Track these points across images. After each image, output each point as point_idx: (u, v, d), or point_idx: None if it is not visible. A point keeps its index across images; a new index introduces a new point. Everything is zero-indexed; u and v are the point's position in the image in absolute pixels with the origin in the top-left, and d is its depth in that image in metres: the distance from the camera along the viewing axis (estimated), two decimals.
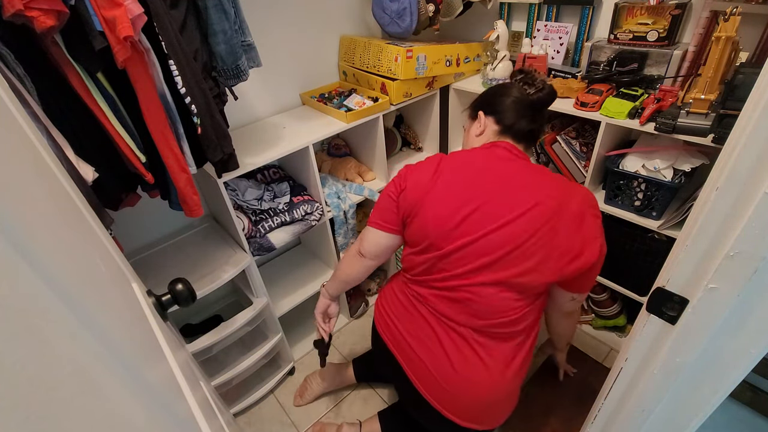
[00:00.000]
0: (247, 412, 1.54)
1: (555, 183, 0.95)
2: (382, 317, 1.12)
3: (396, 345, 1.07)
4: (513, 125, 1.02)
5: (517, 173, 0.95)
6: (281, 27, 1.43)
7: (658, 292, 0.60)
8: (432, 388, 1.00)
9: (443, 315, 0.98)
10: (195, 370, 0.80)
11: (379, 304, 1.16)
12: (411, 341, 1.03)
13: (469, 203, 0.92)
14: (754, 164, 0.45)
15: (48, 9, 0.65)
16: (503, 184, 0.93)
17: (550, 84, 1.04)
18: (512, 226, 0.89)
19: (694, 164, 1.17)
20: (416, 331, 1.02)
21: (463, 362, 0.96)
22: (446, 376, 0.97)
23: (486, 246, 0.90)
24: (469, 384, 0.97)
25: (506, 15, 1.62)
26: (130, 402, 0.32)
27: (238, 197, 1.34)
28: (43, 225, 0.31)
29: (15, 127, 0.41)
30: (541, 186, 0.93)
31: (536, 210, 0.89)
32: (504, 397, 1.01)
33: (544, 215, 0.89)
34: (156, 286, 0.79)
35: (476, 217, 0.91)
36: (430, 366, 0.99)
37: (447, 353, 0.97)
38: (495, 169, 0.96)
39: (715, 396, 0.61)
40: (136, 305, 0.54)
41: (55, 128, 0.75)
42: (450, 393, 0.98)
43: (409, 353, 1.03)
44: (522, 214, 0.89)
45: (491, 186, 0.93)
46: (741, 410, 1.30)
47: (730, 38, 0.92)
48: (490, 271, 0.91)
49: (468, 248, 0.92)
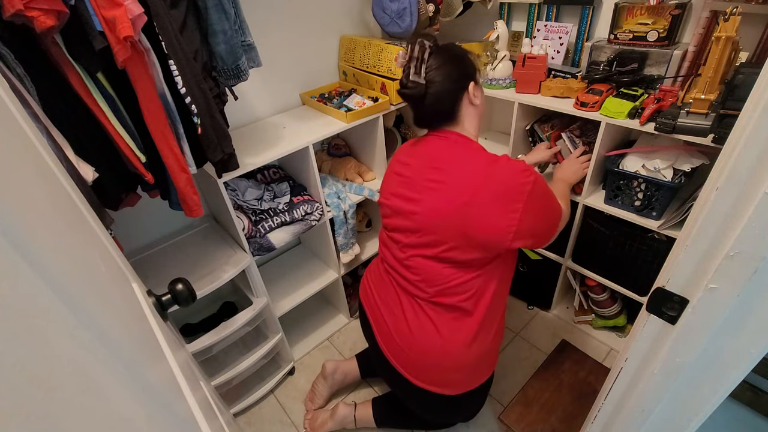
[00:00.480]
0: (247, 412, 1.54)
1: (474, 159, 0.96)
2: (364, 287, 1.24)
3: (371, 311, 1.19)
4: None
5: (442, 154, 1.00)
6: (281, 27, 1.43)
7: (658, 292, 0.60)
8: (393, 349, 1.11)
9: (405, 285, 1.07)
10: (195, 370, 0.80)
11: (365, 274, 1.27)
12: (382, 307, 1.14)
13: (403, 184, 1.04)
14: (754, 164, 0.45)
15: (48, 9, 0.65)
16: (427, 165, 1.01)
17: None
18: (428, 199, 0.98)
19: (694, 164, 1.17)
20: (386, 298, 1.13)
21: (420, 328, 1.05)
22: (404, 338, 1.07)
23: (409, 223, 1.02)
24: (423, 347, 1.05)
25: (506, 15, 1.62)
26: (130, 402, 0.32)
27: (238, 197, 1.34)
28: (43, 225, 0.31)
29: (15, 127, 0.41)
30: (462, 169, 0.96)
31: (452, 192, 0.95)
32: (458, 365, 1.05)
33: (457, 195, 0.94)
34: (156, 286, 0.79)
35: (405, 194, 1.03)
36: (393, 329, 1.10)
37: (407, 319, 1.07)
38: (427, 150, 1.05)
39: (715, 396, 0.61)
40: (136, 305, 0.54)
41: (55, 128, 0.75)
42: (407, 354, 1.08)
43: (379, 317, 1.15)
44: (437, 190, 0.96)
45: (420, 166, 1.02)
46: (741, 410, 1.30)
47: (730, 38, 0.92)
48: (418, 246, 1.02)
49: (398, 225, 1.06)
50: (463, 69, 1.01)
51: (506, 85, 1.48)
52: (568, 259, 1.58)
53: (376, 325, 1.17)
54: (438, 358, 1.05)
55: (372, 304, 1.19)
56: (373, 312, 1.18)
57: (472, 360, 1.05)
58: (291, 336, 1.74)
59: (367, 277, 1.25)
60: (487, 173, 0.92)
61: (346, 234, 1.55)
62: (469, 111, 1.04)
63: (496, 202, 0.91)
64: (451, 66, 0.99)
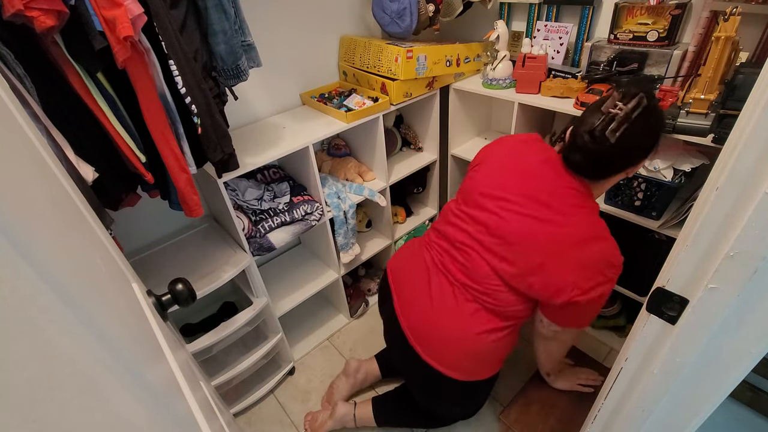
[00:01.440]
0: (247, 412, 1.54)
1: (590, 219, 0.96)
2: (395, 257, 1.27)
3: (394, 278, 1.21)
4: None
5: (566, 192, 0.98)
6: (281, 27, 1.43)
7: (658, 292, 0.60)
8: (409, 320, 1.12)
9: (442, 263, 1.09)
10: (195, 370, 0.80)
11: (400, 249, 1.30)
12: (408, 278, 1.16)
13: (505, 187, 1.01)
14: (754, 164, 0.45)
15: (48, 9, 0.65)
16: (545, 186, 0.98)
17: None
18: (526, 222, 0.96)
19: (694, 164, 1.17)
20: (415, 270, 1.15)
21: (441, 305, 1.06)
22: (424, 311, 1.09)
23: (493, 226, 1.00)
24: (439, 324, 1.06)
25: (506, 15, 1.62)
26: (130, 402, 0.32)
27: (238, 197, 1.34)
28: (43, 225, 0.31)
29: (15, 127, 0.41)
30: (576, 214, 0.95)
31: (553, 228, 0.94)
32: (469, 351, 1.05)
33: (556, 237, 0.93)
34: (156, 286, 0.79)
35: (502, 199, 1.00)
36: (414, 301, 1.12)
37: (431, 294, 1.08)
38: (548, 172, 1.01)
39: (715, 396, 0.61)
40: (136, 305, 0.54)
41: (55, 128, 0.75)
42: (422, 328, 1.09)
43: (402, 286, 1.17)
44: (541, 221, 0.95)
45: (533, 183, 0.99)
46: (741, 410, 1.30)
47: (730, 38, 0.92)
48: (485, 247, 1.01)
49: (481, 218, 1.02)
50: (650, 144, 0.91)
51: (506, 85, 1.48)
52: None
53: (397, 293, 1.17)
54: (451, 339, 1.05)
55: (396, 273, 1.20)
56: (397, 279, 1.19)
57: (482, 349, 1.05)
58: (291, 336, 1.74)
59: (400, 250, 1.27)
60: (596, 241, 0.93)
61: (346, 234, 1.55)
62: (615, 180, 0.99)
63: (592, 264, 0.92)
64: (647, 138, 0.90)
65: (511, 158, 1.07)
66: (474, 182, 1.09)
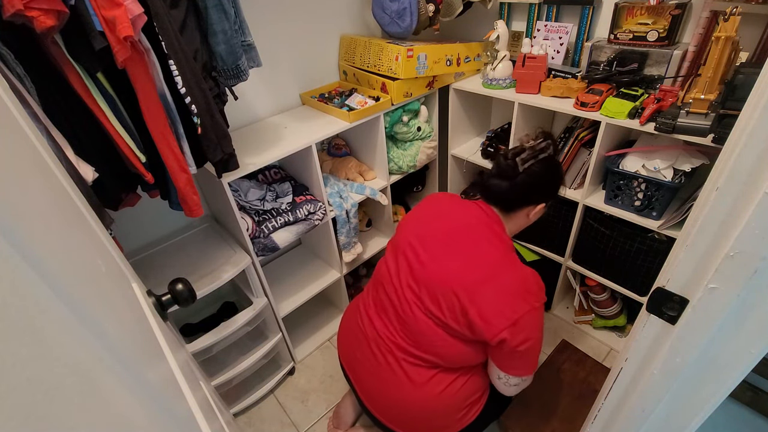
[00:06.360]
0: (247, 412, 1.54)
1: (501, 254, 0.99)
2: (341, 342, 1.26)
3: (348, 367, 1.22)
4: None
5: (476, 230, 1.03)
6: (281, 27, 1.43)
7: (658, 292, 0.60)
8: (374, 403, 1.13)
9: (386, 337, 1.07)
10: (195, 370, 0.80)
11: (341, 329, 1.28)
12: (359, 366, 1.16)
13: (424, 235, 1.05)
14: (754, 164, 0.45)
15: (48, 9, 0.65)
16: (458, 227, 1.03)
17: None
18: (443, 266, 0.98)
19: (694, 164, 1.17)
20: (363, 357, 1.14)
21: (395, 381, 1.06)
22: (384, 393, 1.09)
23: (418, 276, 1.01)
24: (400, 400, 1.06)
25: (506, 15, 1.62)
26: (130, 402, 0.32)
27: (240, 198, 1.34)
28: (43, 225, 0.31)
29: (15, 127, 0.41)
30: (493, 251, 0.99)
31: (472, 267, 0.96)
32: (437, 411, 1.05)
33: (471, 276, 0.95)
34: (156, 286, 0.79)
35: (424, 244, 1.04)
36: (371, 385, 1.12)
37: (382, 376, 1.08)
38: (457, 216, 1.07)
39: (715, 396, 0.61)
40: (136, 305, 0.54)
41: (55, 128, 0.75)
42: (387, 406, 1.10)
43: (358, 375, 1.18)
44: (456, 261, 0.97)
45: (448, 227, 1.04)
46: (741, 410, 1.30)
47: (730, 38, 0.92)
48: (417, 297, 1.01)
49: (406, 270, 1.04)
50: (550, 190, 1.09)
51: (506, 85, 1.48)
52: (568, 259, 1.58)
53: (357, 382, 1.18)
54: (418, 410, 1.05)
55: (350, 361, 1.21)
56: (351, 368, 1.20)
57: (449, 403, 1.05)
58: (291, 336, 1.74)
59: (342, 331, 1.26)
60: (509, 272, 0.96)
61: (348, 233, 1.55)
62: (521, 218, 1.09)
63: (510, 292, 0.93)
64: (547, 180, 1.06)
65: (429, 208, 1.13)
66: (399, 237, 1.12)
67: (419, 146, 1.64)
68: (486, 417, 1.14)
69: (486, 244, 1.00)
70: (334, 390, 1.58)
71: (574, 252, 1.55)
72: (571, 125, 1.49)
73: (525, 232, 1.66)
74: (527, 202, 1.06)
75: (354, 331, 1.18)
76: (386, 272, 1.10)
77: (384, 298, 1.09)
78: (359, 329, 1.15)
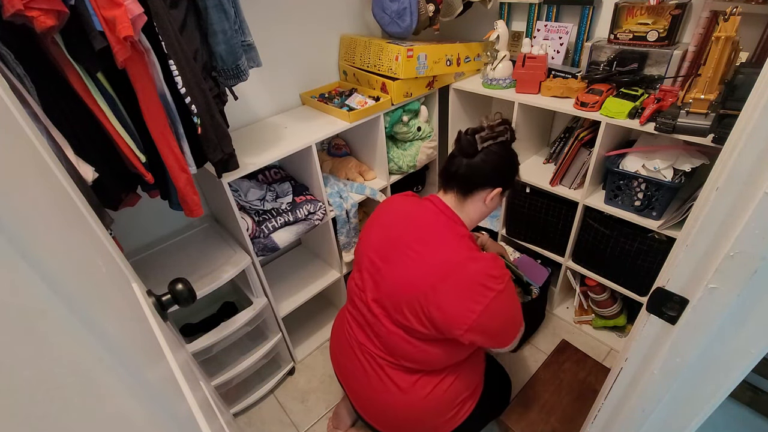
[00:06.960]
0: (247, 412, 1.54)
1: (457, 244, 0.98)
2: (333, 351, 1.26)
3: (340, 375, 1.23)
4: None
5: (432, 226, 1.02)
6: (281, 27, 1.43)
7: (658, 292, 0.60)
8: (367, 411, 1.15)
9: (368, 350, 1.09)
10: (195, 370, 0.80)
11: (332, 337, 1.29)
12: (350, 376, 1.17)
13: (381, 242, 1.05)
14: (754, 164, 0.45)
15: (48, 9, 0.65)
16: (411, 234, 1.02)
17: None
18: (401, 270, 0.99)
19: (694, 164, 1.17)
20: (352, 368, 1.15)
21: (384, 390, 1.07)
22: (374, 401, 1.11)
23: (381, 284, 1.02)
24: (390, 408, 1.08)
25: (506, 15, 1.62)
26: (130, 402, 0.32)
27: (240, 198, 1.34)
28: (43, 225, 0.31)
29: (15, 127, 0.41)
30: (442, 251, 0.97)
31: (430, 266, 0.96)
32: (426, 414, 1.06)
33: (430, 274, 0.94)
34: (156, 286, 0.79)
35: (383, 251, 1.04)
36: (363, 395, 1.14)
37: (372, 385, 1.09)
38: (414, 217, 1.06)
39: (715, 396, 0.61)
40: (136, 305, 0.54)
41: (55, 128, 0.75)
42: (379, 414, 1.12)
43: (350, 384, 1.19)
44: (414, 262, 0.97)
45: (403, 230, 1.03)
46: (741, 410, 1.29)
47: (730, 38, 0.92)
48: (384, 309, 1.02)
49: (369, 282, 1.05)
50: (506, 174, 1.07)
51: (506, 85, 1.48)
52: (568, 259, 1.58)
53: (349, 390, 1.20)
54: (408, 415, 1.06)
55: (342, 370, 1.21)
56: (343, 376, 1.21)
57: (437, 404, 1.05)
58: (291, 336, 1.74)
59: (333, 340, 1.27)
60: (463, 265, 0.93)
61: (348, 233, 1.55)
62: (477, 203, 1.06)
63: (469, 285, 0.92)
64: (504, 164, 1.05)
65: (384, 216, 1.12)
66: (359, 251, 1.13)
67: (419, 146, 1.64)
68: (482, 414, 1.14)
69: (442, 242, 0.99)
70: (334, 390, 1.58)
71: (574, 252, 1.55)
72: (571, 125, 1.49)
73: (525, 232, 1.66)
74: (484, 183, 1.03)
75: (341, 341, 1.19)
76: (355, 288, 1.11)
77: (357, 314, 1.11)
78: (346, 340, 1.16)
